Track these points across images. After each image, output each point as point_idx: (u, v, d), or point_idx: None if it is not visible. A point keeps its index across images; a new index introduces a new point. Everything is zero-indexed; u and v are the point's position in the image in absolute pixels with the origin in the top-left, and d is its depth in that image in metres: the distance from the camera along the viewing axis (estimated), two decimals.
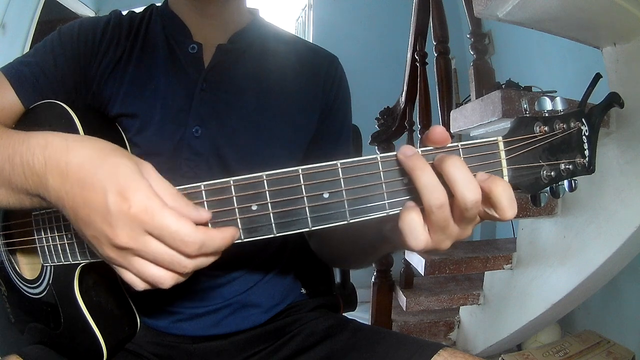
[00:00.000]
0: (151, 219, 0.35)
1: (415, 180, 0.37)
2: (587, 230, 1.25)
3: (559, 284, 1.34)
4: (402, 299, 1.72)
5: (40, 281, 0.58)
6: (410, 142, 1.84)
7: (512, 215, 0.37)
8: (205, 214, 0.38)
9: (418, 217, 0.37)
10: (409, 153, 0.37)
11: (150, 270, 0.37)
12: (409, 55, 1.86)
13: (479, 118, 1.17)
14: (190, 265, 0.37)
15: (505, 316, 1.56)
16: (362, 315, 1.63)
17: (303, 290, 0.78)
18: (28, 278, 0.61)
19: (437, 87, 1.59)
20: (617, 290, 1.60)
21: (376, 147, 1.95)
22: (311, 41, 3.05)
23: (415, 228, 0.37)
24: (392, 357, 0.57)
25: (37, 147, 0.40)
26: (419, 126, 1.73)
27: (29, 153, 0.40)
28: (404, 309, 1.70)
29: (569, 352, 1.46)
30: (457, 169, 0.36)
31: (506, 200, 0.36)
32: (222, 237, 0.38)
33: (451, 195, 0.37)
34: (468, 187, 0.36)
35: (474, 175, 0.37)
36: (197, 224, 0.38)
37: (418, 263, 1.55)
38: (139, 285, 0.39)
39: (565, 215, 1.34)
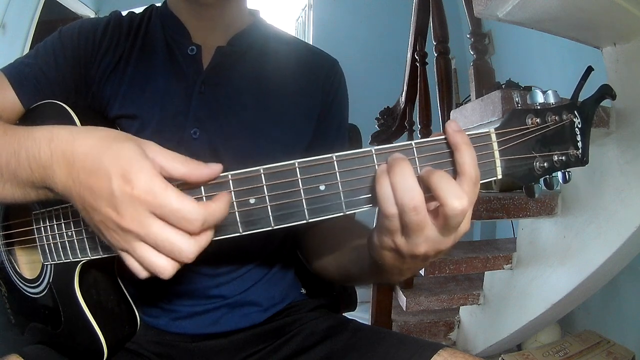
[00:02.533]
0: (154, 199, 0.36)
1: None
2: (587, 230, 1.25)
3: (559, 284, 1.34)
4: (402, 299, 1.71)
5: (40, 281, 0.58)
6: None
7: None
8: (216, 166, 0.39)
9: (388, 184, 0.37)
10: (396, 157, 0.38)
11: (152, 257, 0.37)
12: (409, 55, 1.86)
13: (479, 118, 1.17)
14: (189, 252, 0.37)
15: (505, 316, 1.56)
16: (362, 315, 1.62)
17: (303, 290, 0.78)
18: (28, 278, 0.61)
19: (437, 87, 1.59)
20: (617, 290, 1.60)
21: None
22: (311, 41, 3.05)
23: (389, 195, 0.37)
24: (392, 357, 0.57)
25: (42, 140, 0.40)
26: (419, 126, 1.73)
27: (35, 146, 0.40)
28: (404, 309, 1.70)
29: (569, 352, 1.46)
30: (444, 180, 0.36)
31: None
32: (220, 207, 0.38)
33: (431, 199, 0.37)
34: (457, 196, 0.35)
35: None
36: (213, 179, 0.39)
37: None
38: (142, 273, 0.39)
39: (565, 215, 1.34)
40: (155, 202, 0.36)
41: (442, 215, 0.37)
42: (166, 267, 0.38)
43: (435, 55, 1.62)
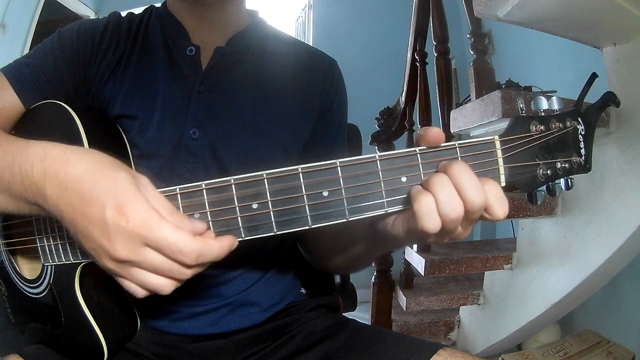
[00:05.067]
0: (149, 232, 0.36)
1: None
2: (587, 230, 1.25)
3: (559, 284, 1.34)
4: (402, 299, 1.72)
5: (40, 281, 0.58)
6: (410, 142, 1.84)
7: (502, 214, 0.38)
8: (200, 225, 0.38)
9: (432, 200, 0.37)
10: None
11: (150, 279, 0.38)
12: (409, 55, 1.86)
13: (479, 118, 1.17)
14: (189, 272, 0.38)
15: (505, 316, 1.56)
16: (362, 315, 1.63)
17: (303, 290, 0.78)
18: (28, 278, 0.61)
19: (437, 87, 1.59)
20: (617, 290, 1.60)
21: (376, 147, 1.96)
22: (311, 41, 3.05)
23: (432, 210, 0.37)
24: (391, 357, 0.57)
25: (35, 158, 0.40)
26: (419, 126, 1.73)
27: (28, 163, 0.40)
28: (404, 309, 1.70)
29: (569, 352, 1.46)
30: (465, 176, 0.37)
31: (494, 199, 0.37)
32: (220, 246, 0.38)
33: None
34: (476, 192, 0.36)
35: None
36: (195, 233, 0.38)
37: (418, 263, 1.55)
38: (139, 293, 0.39)
39: (565, 215, 1.34)
40: (150, 236, 0.36)
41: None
42: (166, 285, 0.38)
43: (435, 55, 1.61)
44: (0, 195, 0.43)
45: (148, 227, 0.35)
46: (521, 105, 0.41)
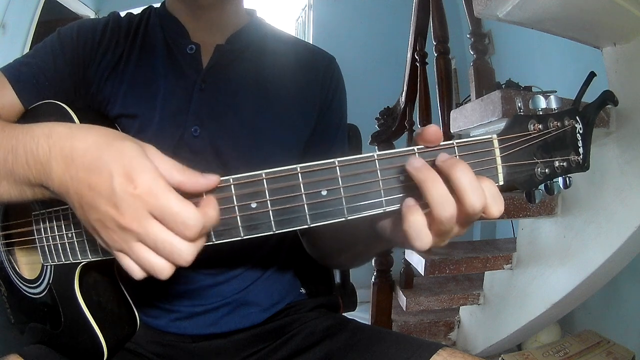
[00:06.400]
0: (155, 200, 0.35)
1: (427, 192, 0.36)
2: (587, 230, 1.25)
3: (559, 284, 1.34)
4: (402, 299, 1.72)
5: (40, 281, 0.58)
6: (410, 142, 1.83)
7: (498, 212, 0.38)
8: (214, 177, 0.38)
9: (423, 219, 0.37)
10: (417, 165, 0.37)
11: (150, 257, 0.37)
12: (409, 55, 1.86)
13: (479, 118, 1.17)
14: (187, 254, 0.37)
15: (505, 316, 1.57)
16: (362, 315, 1.63)
17: (303, 290, 0.78)
18: (28, 278, 0.61)
19: (437, 87, 1.59)
20: (617, 290, 1.60)
21: (376, 147, 1.95)
22: (311, 41, 3.05)
23: (421, 230, 0.37)
24: (391, 356, 0.57)
25: (41, 136, 0.40)
26: (419, 126, 1.73)
27: (33, 142, 0.40)
28: (404, 309, 1.70)
29: (569, 352, 1.46)
30: (465, 176, 0.36)
31: (490, 198, 0.37)
32: (215, 213, 0.38)
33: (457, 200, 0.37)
34: (476, 194, 0.36)
35: None
36: (209, 190, 0.38)
37: (418, 263, 1.55)
38: (138, 273, 0.38)
39: (565, 215, 1.34)
40: (156, 203, 0.35)
41: (463, 213, 0.37)
42: (164, 268, 0.37)
43: (435, 55, 1.61)
44: (2, 182, 0.43)
45: (155, 194, 0.35)
46: (519, 105, 0.41)
